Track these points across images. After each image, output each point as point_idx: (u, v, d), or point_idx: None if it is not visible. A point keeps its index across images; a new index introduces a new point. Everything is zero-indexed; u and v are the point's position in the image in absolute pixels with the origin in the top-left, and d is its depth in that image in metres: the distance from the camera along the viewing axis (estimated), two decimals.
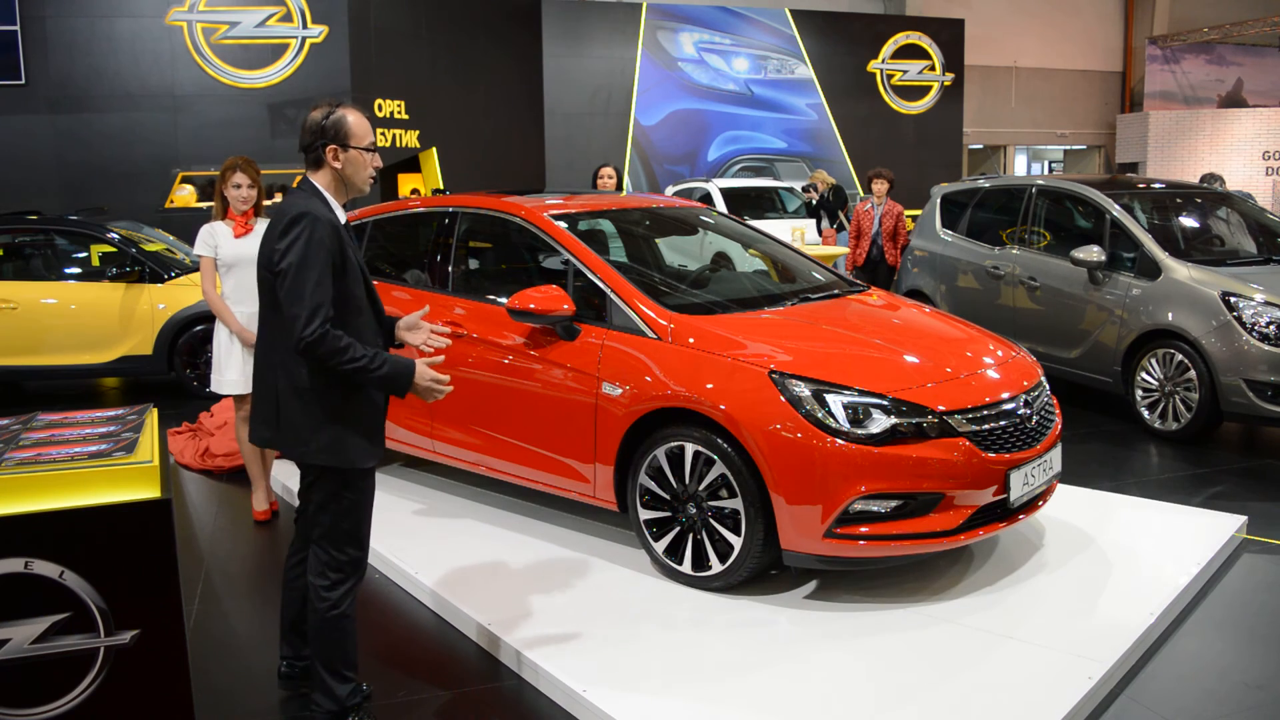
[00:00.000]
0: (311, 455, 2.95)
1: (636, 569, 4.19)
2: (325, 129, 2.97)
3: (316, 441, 2.93)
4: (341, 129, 2.97)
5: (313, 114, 3.01)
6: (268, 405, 3.01)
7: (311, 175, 3.02)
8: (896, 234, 9.45)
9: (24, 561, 2.52)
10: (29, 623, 2.53)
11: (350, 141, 2.98)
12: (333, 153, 2.98)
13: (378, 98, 13.10)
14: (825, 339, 4.19)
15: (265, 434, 3.06)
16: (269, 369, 3.00)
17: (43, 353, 7.92)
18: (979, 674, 3.32)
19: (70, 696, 2.59)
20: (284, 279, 2.82)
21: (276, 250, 2.85)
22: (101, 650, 2.59)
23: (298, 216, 2.85)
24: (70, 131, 12.04)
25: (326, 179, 3.01)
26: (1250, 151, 20.26)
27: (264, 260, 2.94)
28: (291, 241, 2.83)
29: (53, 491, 2.62)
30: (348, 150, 2.99)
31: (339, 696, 3.04)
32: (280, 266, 2.83)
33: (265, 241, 2.95)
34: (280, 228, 2.87)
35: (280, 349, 2.93)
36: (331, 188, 3.01)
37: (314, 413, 2.93)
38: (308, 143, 3.00)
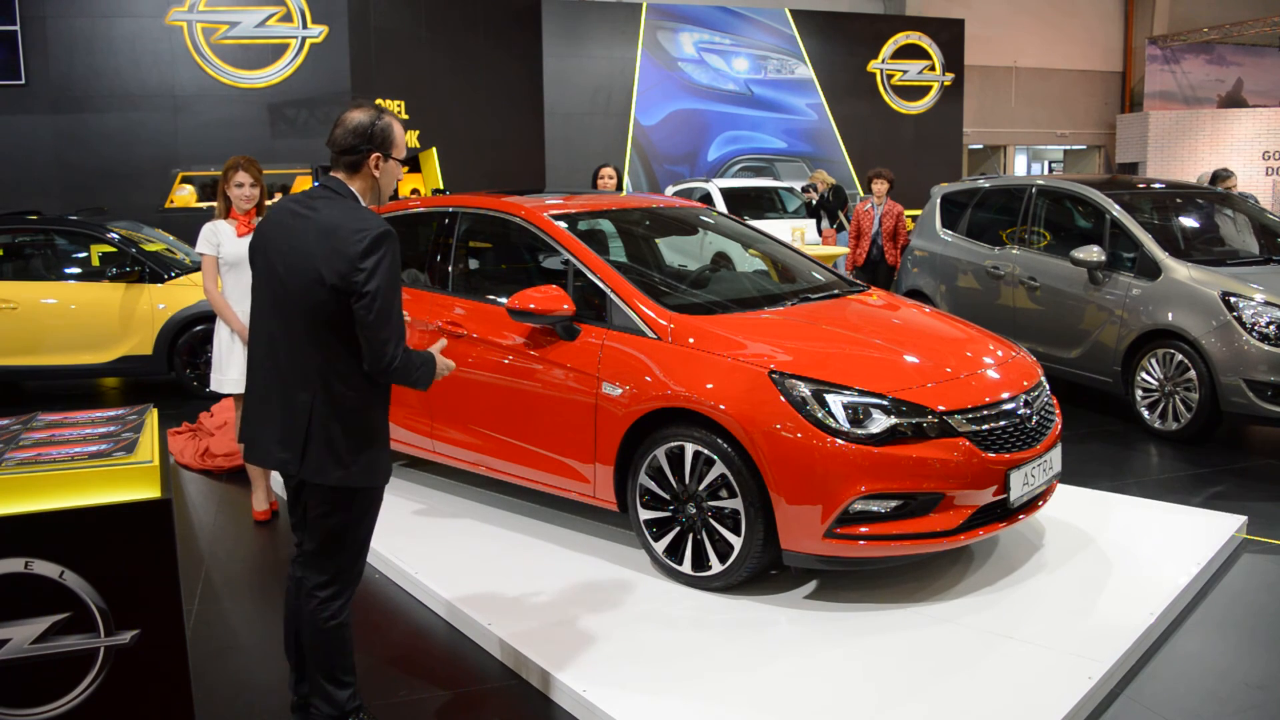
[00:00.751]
0: (353, 478, 2.79)
1: (636, 569, 4.19)
2: (373, 135, 2.82)
3: (357, 464, 2.79)
4: (389, 138, 2.85)
5: (357, 115, 2.84)
6: (294, 426, 2.77)
7: (347, 179, 2.85)
8: (896, 234, 9.45)
9: (24, 561, 2.52)
10: (29, 623, 2.53)
11: (394, 152, 2.88)
12: (376, 160, 2.85)
13: (378, 98, 13.08)
14: (825, 339, 4.19)
15: (283, 456, 2.79)
16: (298, 388, 2.76)
17: (43, 353, 7.92)
18: (979, 674, 3.32)
19: (70, 696, 2.59)
20: (374, 300, 2.65)
21: (361, 269, 2.64)
22: (101, 650, 2.59)
23: (384, 235, 2.69)
24: (70, 131, 12.05)
25: (363, 185, 2.87)
26: (1250, 151, 20.26)
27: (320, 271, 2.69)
28: (379, 260, 2.66)
29: (53, 491, 2.62)
30: (388, 160, 2.88)
31: (340, 701, 3.00)
32: (369, 288, 2.65)
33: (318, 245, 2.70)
34: (363, 245, 2.65)
35: (319, 367, 2.74)
36: (366, 195, 2.88)
37: (356, 434, 2.79)
38: (351, 144, 2.82)
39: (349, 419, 2.78)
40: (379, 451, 2.86)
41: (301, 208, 2.82)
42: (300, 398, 2.76)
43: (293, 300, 2.75)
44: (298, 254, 2.74)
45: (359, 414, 2.80)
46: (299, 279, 2.73)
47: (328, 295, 2.68)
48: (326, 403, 2.75)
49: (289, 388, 2.78)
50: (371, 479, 2.85)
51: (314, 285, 2.70)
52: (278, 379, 2.80)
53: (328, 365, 2.75)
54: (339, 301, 2.69)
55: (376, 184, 2.89)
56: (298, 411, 2.76)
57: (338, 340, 2.73)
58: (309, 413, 2.75)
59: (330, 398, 2.75)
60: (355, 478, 2.80)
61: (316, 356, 2.75)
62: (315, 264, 2.69)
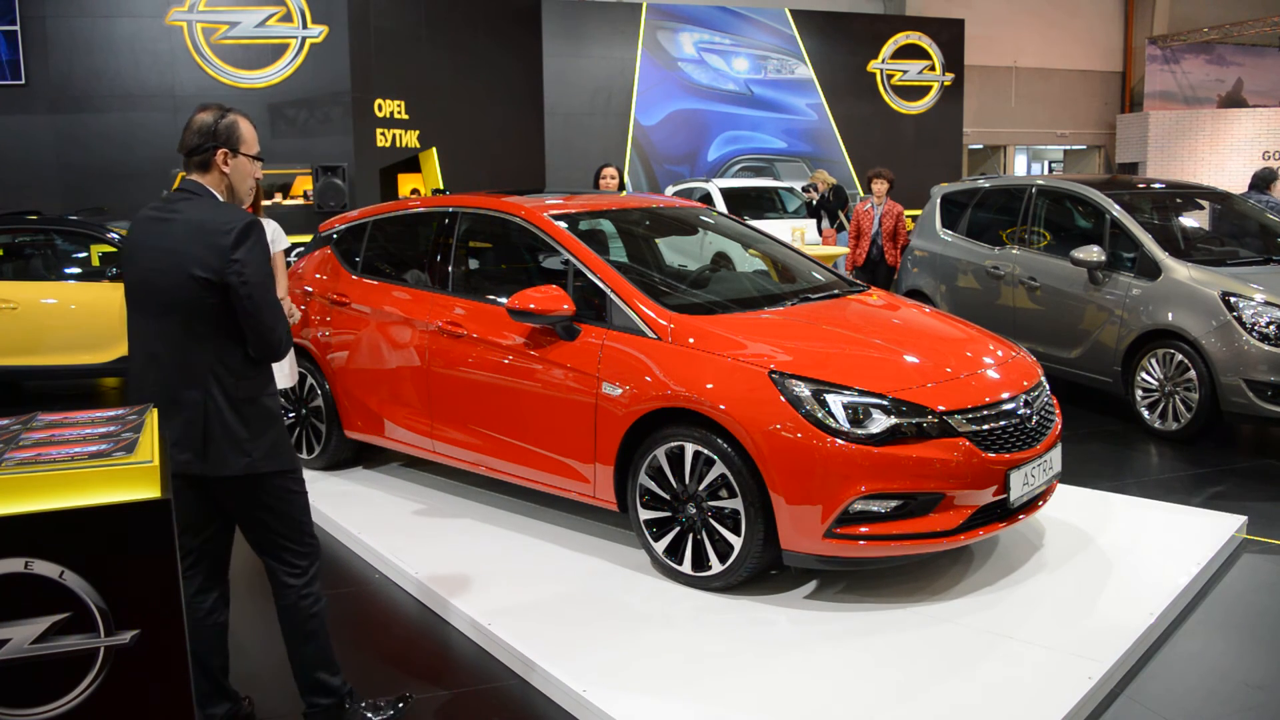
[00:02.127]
0: (256, 464, 2.84)
1: (636, 569, 4.19)
2: (218, 133, 2.90)
3: (259, 449, 2.85)
4: (235, 134, 2.92)
5: (202, 116, 2.92)
6: (193, 426, 2.80)
7: (201, 178, 2.91)
8: (896, 234, 9.45)
9: (24, 561, 2.52)
10: (29, 623, 2.53)
11: (242, 148, 2.94)
12: (224, 156, 2.91)
13: (378, 98, 13.10)
14: (825, 339, 4.19)
15: (182, 458, 2.81)
16: (190, 387, 2.80)
17: (43, 353, 7.92)
18: (979, 674, 3.32)
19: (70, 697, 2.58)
20: (254, 289, 2.76)
21: (235, 260, 2.73)
22: (101, 650, 2.59)
23: (250, 224, 2.78)
24: (70, 131, 12.04)
25: (216, 183, 2.92)
26: (1250, 151, 20.25)
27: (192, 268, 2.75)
28: (249, 250, 2.76)
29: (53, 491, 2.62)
30: (237, 156, 2.93)
31: (336, 687, 3.07)
32: (246, 278, 2.75)
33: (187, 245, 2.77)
34: (232, 238, 2.74)
35: (206, 363, 2.80)
36: (221, 192, 2.93)
37: (253, 420, 2.85)
38: (196, 144, 2.90)
39: (244, 408, 2.83)
40: (279, 432, 2.91)
41: (163, 212, 2.88)
42: (191, 396, 2.80)
43: (169, 301, 2.79)
44: (168, 255, 2.78)
45: (253, 402, 2.86)
46: (172, 279, 2.77)
47: (204, 291, 2.75)
48: (223, 396, 2.81)
49: (177, 388, 2.81)
50: (281, 461, 2.90)
51: (189, 283, 2.75)
52: (164, 382, 2.82)
53: (215, 359, 2.80)
54: (215, 295, 2.76)
55: (229, 180, 2.93)
56: (191, 410, 2.80)
57: (219, 334, 2.80)
58: (203, 409, 2.80)
59: (223, 390, 2.81)
60: (262, 463, 2.85)
61: (201, 353, 2.80)
62: (186, 262, 2.75)
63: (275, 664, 3.68)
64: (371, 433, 5.37)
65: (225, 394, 2.81)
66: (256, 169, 3.01)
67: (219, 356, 2.81)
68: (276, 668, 3.66)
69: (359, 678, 3.56)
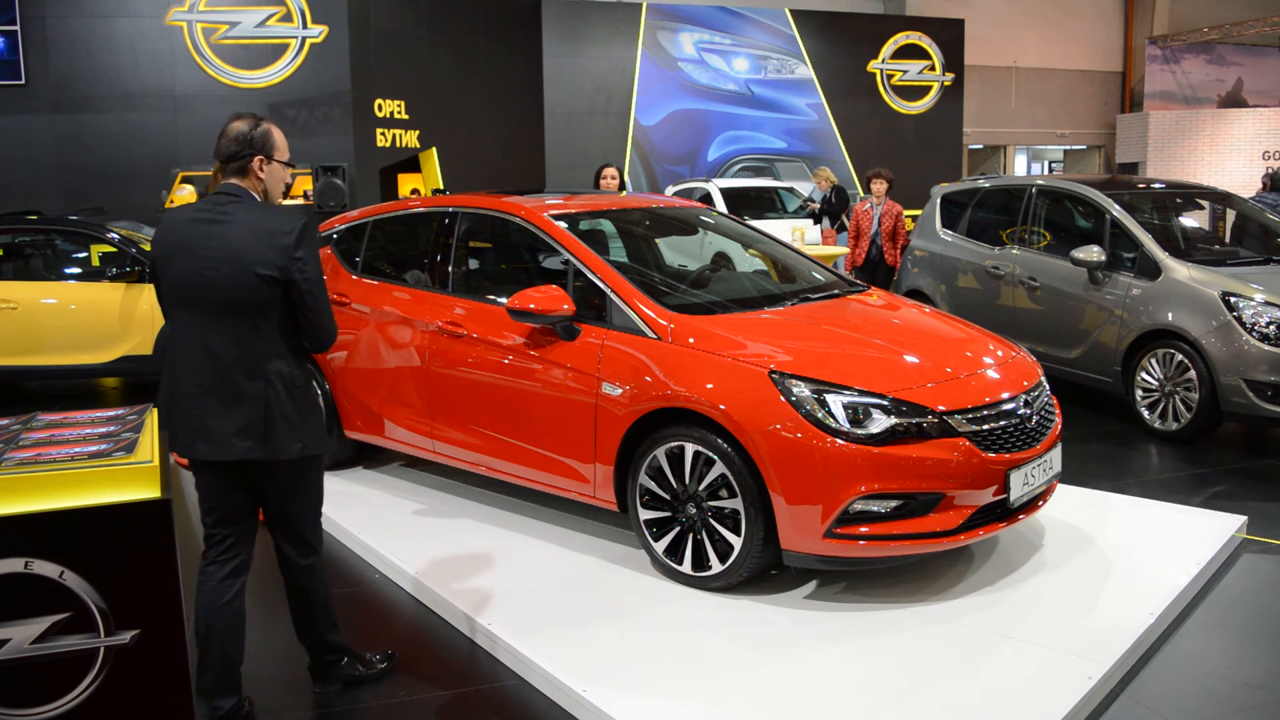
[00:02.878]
0: (308, 447, 3.07)
1: (636, 569, 4.19)
2: (254, 140, 3.10)
3: (308, 433, 3.07)
4: (269, 141, 3.13)
5: (238, 124, 3.12)
6: (254, 413, 2.97)
7: (238, 182, 3.10)
8: (896, 234, 9.45)
9: (24, 561, 2.52)
10: (29, 623, 2.53)
11: (275, 154, 3.15)
12: (259, 163, 3.11)
13: (378, 98, 13.09)
14: (825, 339, 4.19)
15: (245, 444, 2.97)
16: (252, 377, 2.97)
17: (43, 353, 7.92)
18: (979, 674, 3.32)
19: (70, 696, 2.59)
20: (315, 285, 3.01)
21: (297, 259, 2.96)
22: (101, 650, 2.59)
23: (307, 226, 3.01)
24: (70, 131, 12.04)
25: (251, 186, 3.12)
26: (1250, 151, 20.25)
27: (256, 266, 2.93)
28: (309, 249, 3.01)
29: (53, 491, 2.62)
30: (271, 162, 3.14)
31: (342, 644, 3.44)
32: (308, 275, 2.98)
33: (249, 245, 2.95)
34: (293, 238, 2.97)
35: (267, 353, 2.99)
36: (256, 195, 3.13)
37: (303, 406, 3.07)
38: (234, 151, 3.09)
39: (298, 395, 3.05)
40: (321, 418, 3.30)
41: (211, 214, 3.04)
42: (254, 387, 2.98)
43: (230, 299, 2.96)
44: (231, 255, 2.95)
45: (304, 390, 3.09)
46: (235, 278, 2.94)
47: (268, 288, 2.95)
48: (282, 384, 3.01)
49: (238, 381, 2.97)
50: (320, 445, 3.18)
51: (255, 281, 2.94)
52: (223, 376, 2.97)
53: (273, 352, 3.01)
54: (276, 292, 2.97)
55: (264, 185, 3.14)
56: (253, 400, 2.97)
57: (276, 329, 3.01)
58: (265, 399, 2.98)
59: (282, 380, 3.01)
60: (312, 445, 3.10)
61: (262, 346, 2.99)
62: (252, 262, 2.94)
63: (270, 662, 3.69)
64: (371, 433, 5.37)
65: (285, 385, 3.02)
66: (287, 174, 3.23)
67: (278, 348, 3.02)
68: (273, 666, 3.66)
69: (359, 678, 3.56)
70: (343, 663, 3.44)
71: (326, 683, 3.43)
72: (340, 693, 3.42)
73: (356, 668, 3.46)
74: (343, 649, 3.44)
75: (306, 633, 3.38)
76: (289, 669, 3.63)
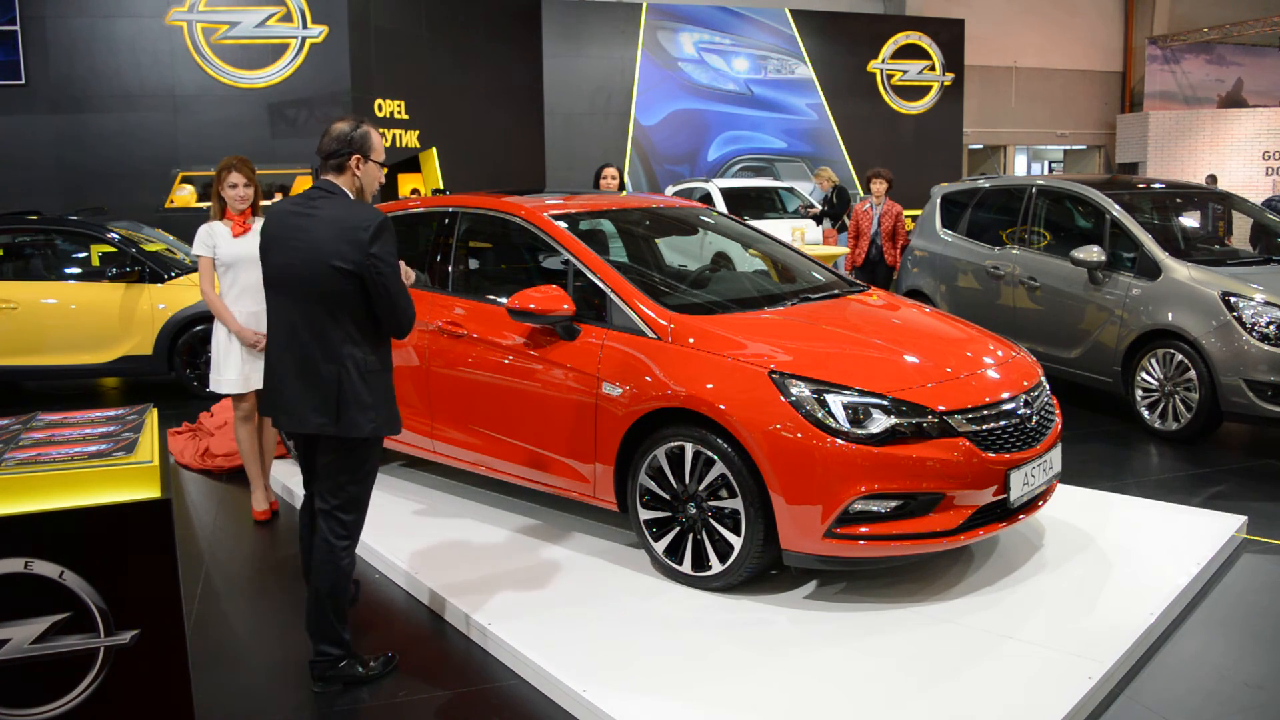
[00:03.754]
0: (381, 427, 3.33)
1: (636, 569, 4.19)
2: (354, 140, 3.33)
3: (382, 414, 3.33)
4: (367, 142, 3.36)
5: (341, 125, 3.36)
6: (326, 394, 3.24)
7: (335, 179, 3.35)
8: (895, 234, 9.45)
9: (24, 561, 2.52)
10: (29, 623, 2.53)
11: (372, 155, 3.38)
12: (357, 161, 3.34)
13: (378, 98, 13.10)
14: (825, 339, 4.19)
15: (320, 420, 3.26)
16: (325, 361, 3.25)
17: (43, 353, 7.92)
18: (979, 674, 3.32)
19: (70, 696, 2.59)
20: (390, 279, 3.21)
21: (373, 254, 3.17)
22: (101, 650, 2.59)
23: (384, 223, 3.21)
24: (70, 131, 12.04)
25: (349, 184, 3.36)
26: (1250, 151, 20.26)
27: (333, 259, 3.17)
28: (385, 243, 3.20)
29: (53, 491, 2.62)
30: (368, 162, 3.37)
31: (346, 641, 3.47)
32: (385, 269, 3.19)
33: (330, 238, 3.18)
34: (370, 233, 3.17)
35: (343, 339, 3.24)
36: (353, 193, 3.37)
37: (378, 391, 3.32)
38: (334, 149, 3.33)
39: (371, 379, 3.29)
40: (394, 404, 3.42)
41: (303, 208, 3.31)
42: (329, 369, 3.25)
43: (310, 288, 3.22)
44: (311, 247, 3.21)
45: (379, 375, 3.33)
46: (315, 269, 3.20)
47: (344, 280, 3.18)
48: (355, 369, 3.26)
49: (316, 362, 3.25)
50: (394, 427, 3.41)
51: (331, 273, 3.18)
52: (304, 356, 3.27)
53: (348, 338, 3.25)
54: (353, 283, 3.19)
55: (360, 183, 3.38)
56: (328, 381, 3.24)
57: (351, 317, 3.24)
58: (338, 381, 3.24)
59: (355, 364, 3.26)
60: (383, 426, 3.34)
61: (337, 333, 3.24)
62: (329, 255, 3.18)
63: (271, 664, 3.69)
64: None
65: (356, 368, 3.26)
66: (381, 174, 3.46)
67: (353, 335, 3.25)
68: (274, 666, 3.66)
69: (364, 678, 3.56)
70: (341, 663, 3.44)
71: (327, 682, 3.43)
72: (340, 693, 3.42)
73: (356, 669, 3.46)
74: (347, 645, 3.46)
75: (316, 615, 3.40)
76: (290, 668, 3.63)
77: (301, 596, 4.23)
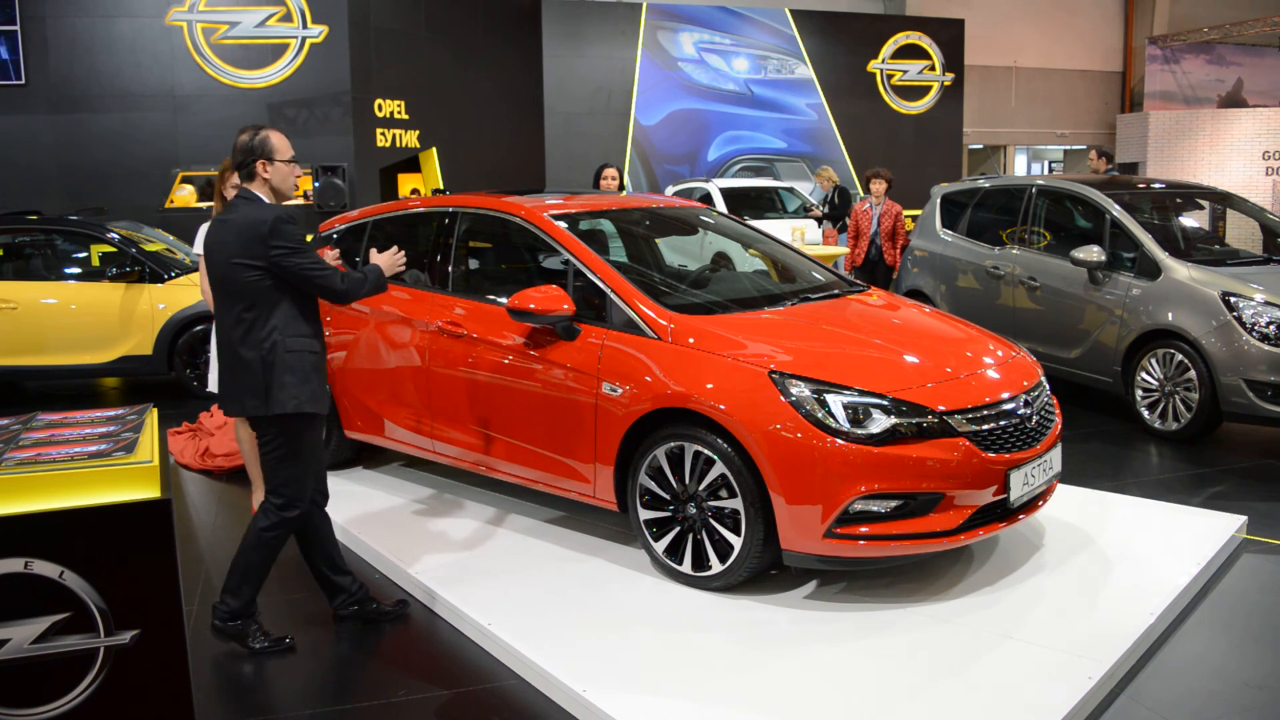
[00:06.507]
0: (305, 404, 3.55)
1: (636, 569, 4.19)
2: (254, 148, 3.63)
3: (304, 392, 3.55)
4: (267, 146, 3.63)
5: (242, 136, 3.65)
6: (255, 379, 3.52)
7: (250, 185, 3.64)
8: (895, 234, 9.45)
9: (24, 561, 2.52)
10: (29, 623, 2.53)
11: (276, 156, 3.64)
12: (262, 166, 3.63)
13: (378, 98, 13.09)
14: (825, 339, 4.19)
15: (252, 403, 3.54)
16: (253, 348, 3.52)
17: (43, 353, 7.92)
18: (979, 674, 3.32)
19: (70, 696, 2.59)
20: (296, 263, 3.49)
21: (274, 247, 3.47)
22: (101, 650, 2.59)
23: (279, 217, 3.50)
24: (70, 131, 12.03)
25: (260, 188, 3.64)
26: (1250, 151, 20.24)
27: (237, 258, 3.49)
28: (284, 235, 3.49)
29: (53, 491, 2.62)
30: (275, 163, 3.64)
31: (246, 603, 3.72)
32: (289, 258, 3.48)
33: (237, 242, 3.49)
34: (266, 229, 3.46)
35: (266, 329, 3.51)
36: (267, 195, 3.65)
37: (299, 370, 3.54)
38: (241, 160, 3.63)
39: (293, 359, 3.54)
40: (315, 385, 3.61)
41: (225, 216, 3.67)
42: (255, 355, 3.53)
43: (234, 287, 3.54)
44: (227, 251, 3.53)
45: (299, 355, 3.55)
46: (233, 270, 3.52)
47: (258, 276, 3.49)
48: (276, 353, 3.52)
49: (247, 351, 3.54)
50: (319, 404, 3.62)
51: (244, 270, 3.50)
52: (238, 348, 3.56)
53: (272, 327, 3.53)
54: (268, 278, 3.50)
55: (271, 183, 3.65)
56: (254, 367, 3.53)
57: (271, 307, 3.53)
58: (263, 364, 3.52)
59: (278, 348, 3.52)
60: (306, 403, 3.56)
61: (261, 322, 3.53)
62: (239, 255, 3.50)
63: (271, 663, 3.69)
64: (371, 433, 5.37)
65: (279, 351, 3.52)
66: (295, 170, 3.72)
67: (274, 323, 3.52)
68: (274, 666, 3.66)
69: (358, 678, 3.57)
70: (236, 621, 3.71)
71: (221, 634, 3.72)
72: (340, 693, 3.42)
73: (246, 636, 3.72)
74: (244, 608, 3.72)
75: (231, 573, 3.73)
76: (290, 668, 3.63)
77: (301, 597, 4.24)
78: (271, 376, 3.51)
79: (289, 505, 3.64)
